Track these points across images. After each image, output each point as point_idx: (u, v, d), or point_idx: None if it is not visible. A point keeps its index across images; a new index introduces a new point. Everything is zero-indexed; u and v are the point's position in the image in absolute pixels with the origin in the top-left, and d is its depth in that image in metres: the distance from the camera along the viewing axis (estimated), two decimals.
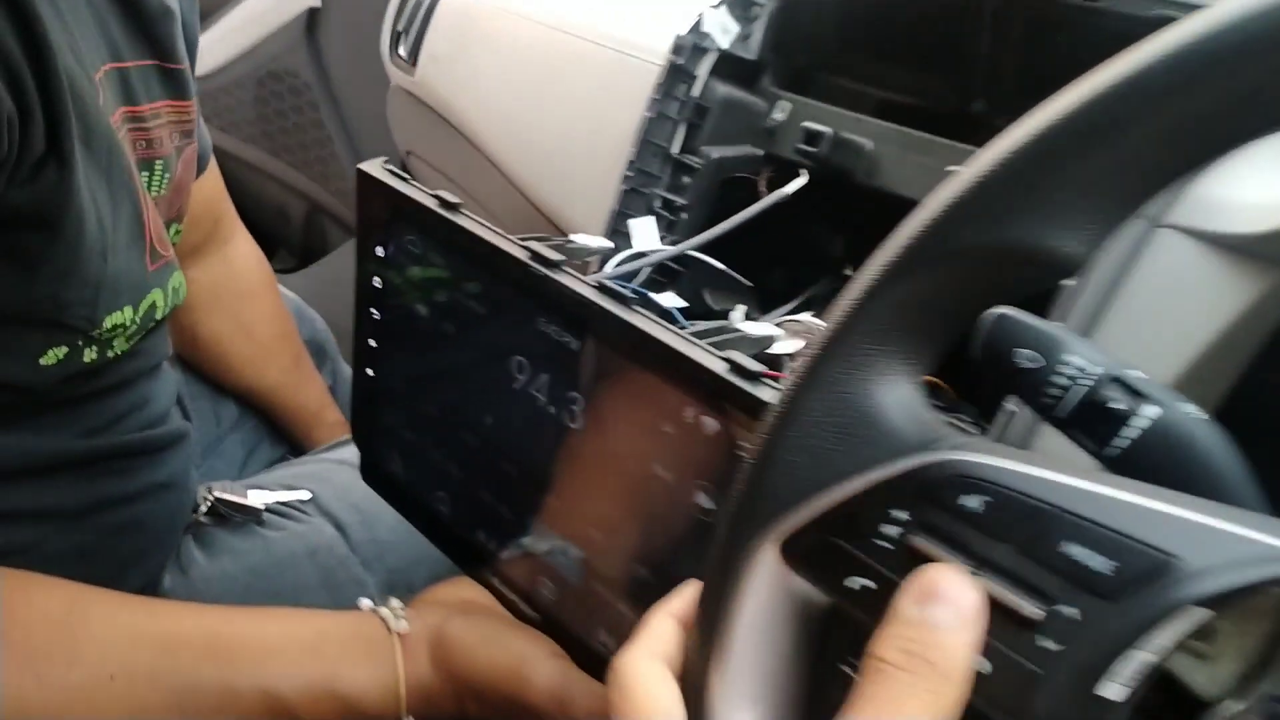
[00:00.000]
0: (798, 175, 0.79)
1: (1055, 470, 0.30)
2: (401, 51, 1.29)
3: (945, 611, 0.29)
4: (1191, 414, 0.40)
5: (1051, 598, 0.29)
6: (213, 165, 0.95)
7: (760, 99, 0.83)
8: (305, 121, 1.78)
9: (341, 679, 0.55)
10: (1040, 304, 0.56)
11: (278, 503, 0.81)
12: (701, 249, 0.77)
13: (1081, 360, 0.40)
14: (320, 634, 0.57)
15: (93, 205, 0.57)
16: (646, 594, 0.51)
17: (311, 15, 1.68)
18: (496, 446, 0.58)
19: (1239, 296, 0.50)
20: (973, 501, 0.31)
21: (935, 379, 0.71)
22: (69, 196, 0.54)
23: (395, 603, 0.59)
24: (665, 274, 0.81)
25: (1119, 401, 0.39)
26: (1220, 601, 0.27)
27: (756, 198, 0.78)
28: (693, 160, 0.81)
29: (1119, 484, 0.30)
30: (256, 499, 0.80)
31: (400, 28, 1.29)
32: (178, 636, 0.55)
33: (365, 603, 0.60)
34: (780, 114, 0.82)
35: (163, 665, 0.53)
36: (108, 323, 0.62)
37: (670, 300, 0.72)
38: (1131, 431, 0.39)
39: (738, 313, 0.73)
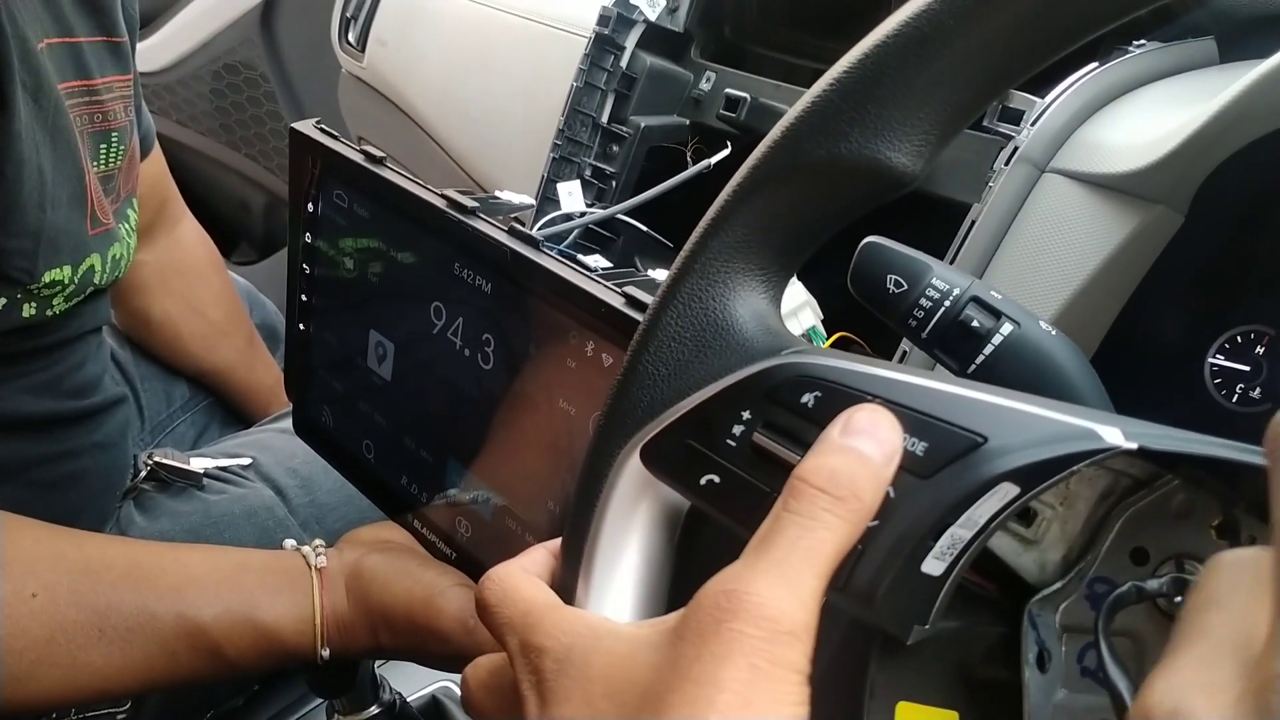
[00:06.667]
0: (724, 146, 0.81)
1: (879, 366, 0.32)
2: (350, 38, 1.31)
3: (870, 444, 0.30)
4: (1044, 329, 0.42)
5: None
6: (156, 148, 0.97)
7: (687, 70, 0.86)
8: (263, 113, 1.79)
9: (259, 609, 0.57)
10: (940, 249, 0.59)
11: (217, 468, 0.83)
12: (630, 214, 0.79)
13: (944, 283, 0.42)
14: (240, 566, 0.59)
15: (34, 155, 0.60)
16: (554, 526, 0.53)
17: (266, 7, 1.69)
18: (417, 392, 0.60)
19: (1116, 232, 0.52)
20: (808, 397, 0.33)
21: (850, 334, 0.73)
22: (9, 141, 0.57)
23: (318, 542, 0.61)
24: (596, 239, 0.83)
25: (978, 320, 0.42)
26: (1026, 477, 0.29)
27: (684, 168, 0.80)
28: (621, 129, 0.83)
29: (940, 378, 0.32)
30: (197, 464, 0.82)
31: (349, 14, 1.31)
32: (100, 561, 0.57)
33: (289, 543, 0.61)
34: (706, 84, 0.84)
35: (83, 586, 0.55)
36: (46, 278, 0.64)
37: (598, 261, 0.75)
38: (989, 350, 0.41)
39: (661, 273, 0.75)
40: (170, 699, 0.76)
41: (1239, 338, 0.56)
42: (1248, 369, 0.56)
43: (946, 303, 0.42)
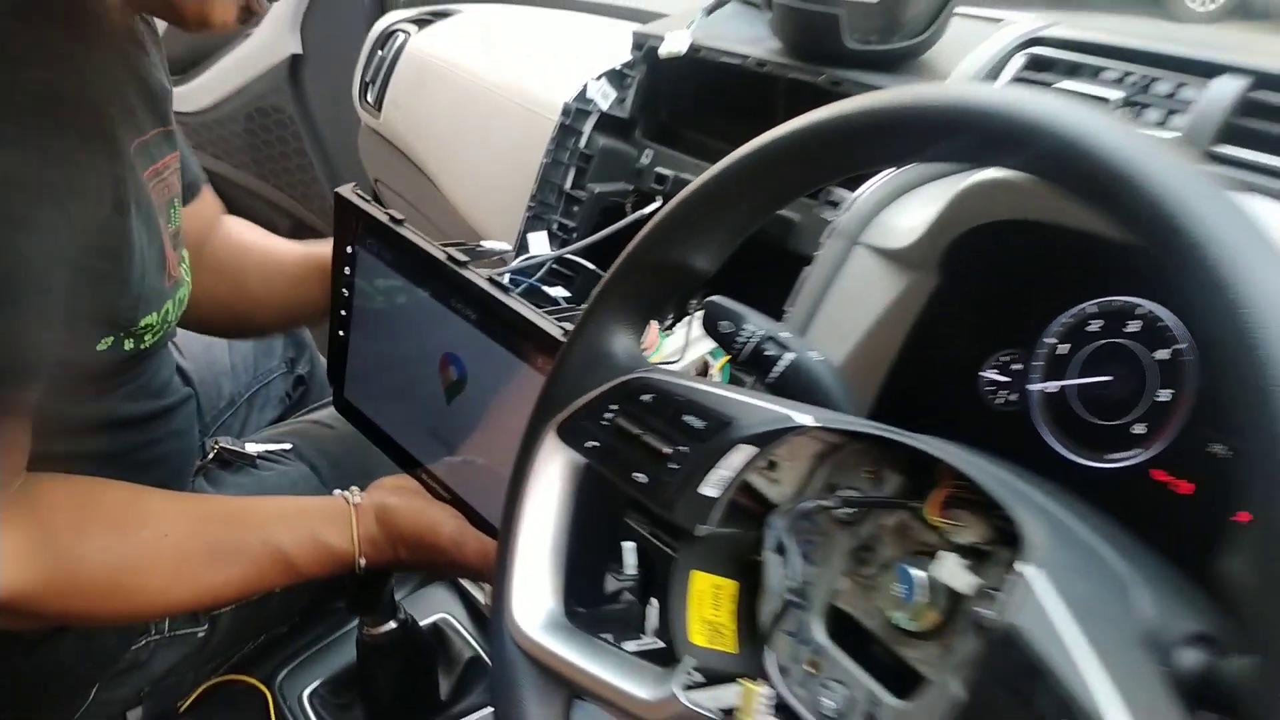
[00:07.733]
0: (655, 200, 1.06)
1: (688, 380, 0.57)
2: (369, 98, 1.56)
3: None
4: (814, 357, 0.66)
5: (676, 442, 0.55)
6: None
7: (632, 147, 1.11)
8: (289, 150, 2.04)
9: (321, 533, 0.83)
10: (778, 301, 0.83)
11: (267, 451, 1.08)
12: (582, 255, 1.04)
13: (752, 326, 0.67)
14: (303, 507, 0.85)
15: (140, 241, 0.80)
16: None
17: (294, 60, 1.94)
18: (425, 387, 0.86)
19: (892, 289, 0.77)
20: (647, 397, 0.57)
21: None
22: (128, 235, 0.78)
23: (354, 488, 0.88)
24: (559, 277, 1.08)
25: (771, 350, 0.66)
26: (758, 440, 0.54)
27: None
28: (580, 194, 1.09)
29: (728, 389, 0.56)
30: (251, 449, 1.08)
31: (368, 78, 1.56)
32: (208, 510, 0.83)
33: (337, 492, 0.88)
34: (646, 159, 1.09)
35: (198, 529, 0.80)
36: (142, 323, 0.84)
37: (559, 292, 1.00)
38: (778, 369, 0.66)
39: None
40: (236, 624, 1.01)
41: (1003, 357, 0.81)
42: (1009, 380, 0.80)
43: (753, 339, 0.66)
